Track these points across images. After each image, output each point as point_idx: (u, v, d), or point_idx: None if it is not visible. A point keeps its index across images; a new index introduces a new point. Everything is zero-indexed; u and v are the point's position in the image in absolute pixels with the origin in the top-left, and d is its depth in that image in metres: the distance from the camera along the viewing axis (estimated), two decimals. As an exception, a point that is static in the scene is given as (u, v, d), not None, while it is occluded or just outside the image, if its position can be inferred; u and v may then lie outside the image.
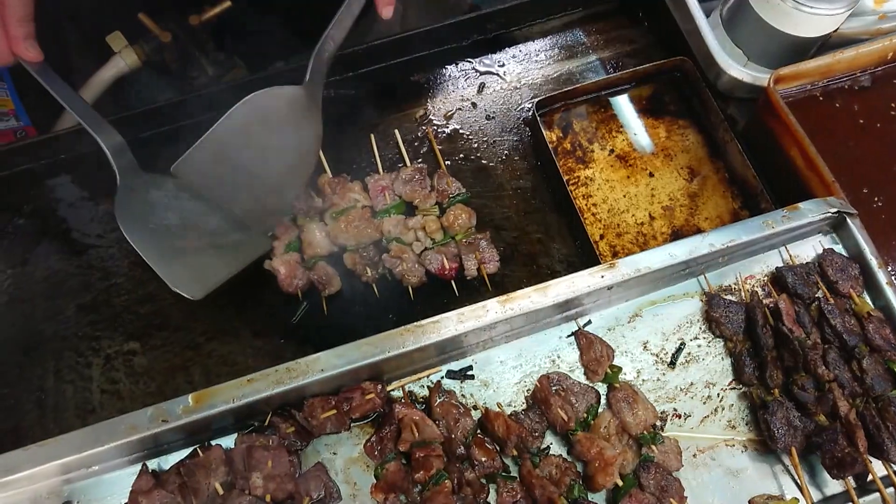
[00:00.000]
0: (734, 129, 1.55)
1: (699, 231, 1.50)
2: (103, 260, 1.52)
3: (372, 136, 1.55)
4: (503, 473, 1.19)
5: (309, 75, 1.31)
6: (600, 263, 1.35)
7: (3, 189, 1.57)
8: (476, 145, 1.61)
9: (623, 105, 1.64)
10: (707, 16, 1.59)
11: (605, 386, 1.26)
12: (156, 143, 1.60)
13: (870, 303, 1.30)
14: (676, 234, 1.51)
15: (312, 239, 1.43)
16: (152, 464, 1.18)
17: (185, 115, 1.59)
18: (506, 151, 1.60)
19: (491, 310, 1.22)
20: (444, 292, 1.43)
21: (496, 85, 1.69)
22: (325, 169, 1.50)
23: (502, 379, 1.27)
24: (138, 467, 1.16)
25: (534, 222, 1.53)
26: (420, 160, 1.58)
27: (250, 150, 1.28)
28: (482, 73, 1.71)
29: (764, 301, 1.30)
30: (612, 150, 1.60)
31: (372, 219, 1.44)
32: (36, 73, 1.27)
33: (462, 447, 1.19)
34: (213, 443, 1.19)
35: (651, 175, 1.57)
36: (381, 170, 1.52)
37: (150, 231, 1.33)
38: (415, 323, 1.21)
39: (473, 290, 1.44)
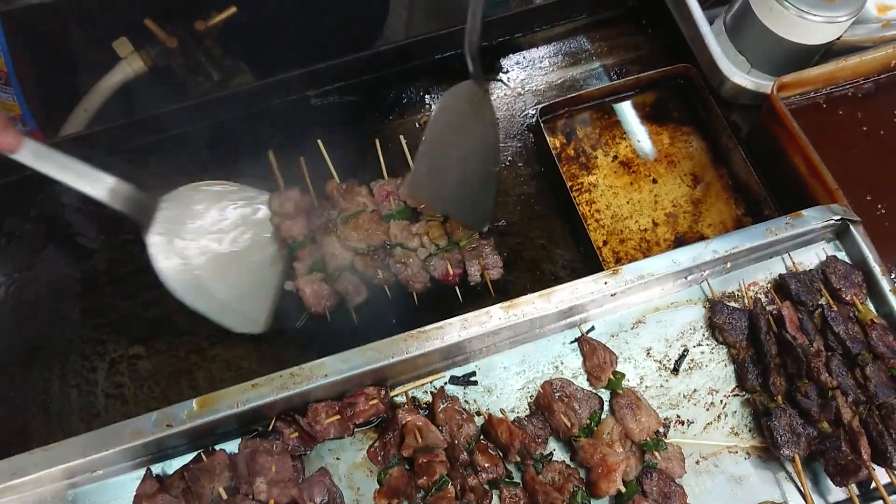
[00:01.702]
0: (737, 135, 1.55)
1: (702, 238, 1.51)
2: (109, 264, 1.52)
3: (377, 140, 1.55)
4: (506, 479, 1.19)
5: (472, 68, 1.34)
6: (604, 269, 1.35)
7: (10, 194, 1.58)
8: (480, 151, 1.62)
9: (627, 111, 1.65)
10: (711, 23, 1.60)
11: (608, 392, 1.27)
12: (162, 149, 1.61)
13: (873, 310, 1.30)
14: (680, 241, 1.51)
15: (334, 250, 1.42)
16: (156, 468, 1.19)
17: (192, 121, 1.60)
18: (509, 157, 1.61)
19: (494, 316, 1.22)
20: (448, 298, 1.43)
21: (500, 91, 1.70)
22: (332, 175, 1.50)
23: (505, 385, 1.27)
24: (142, 472, 1.16)
25: (537, 228, 1.54)
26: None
27: (457, 151, 1.35)
28: (486, 80, 1.71)
29: (767, 308, 1.30)
30: (615, 157, 1.60)
31: (382, 222, 1.44)
32: (21, 158, 1.25)
33: (465, 453, 1.19)
34: (217, 447, 1.19)
35: (654, 181, 1.58)
36: (385, 175, 1.53)
37: (192, 276, 1.36)
38: (418, 329, 1.21)
39: (477, 296, 1.44)
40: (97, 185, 1.29)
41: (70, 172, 1.28)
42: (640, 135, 1.62)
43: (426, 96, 1.69)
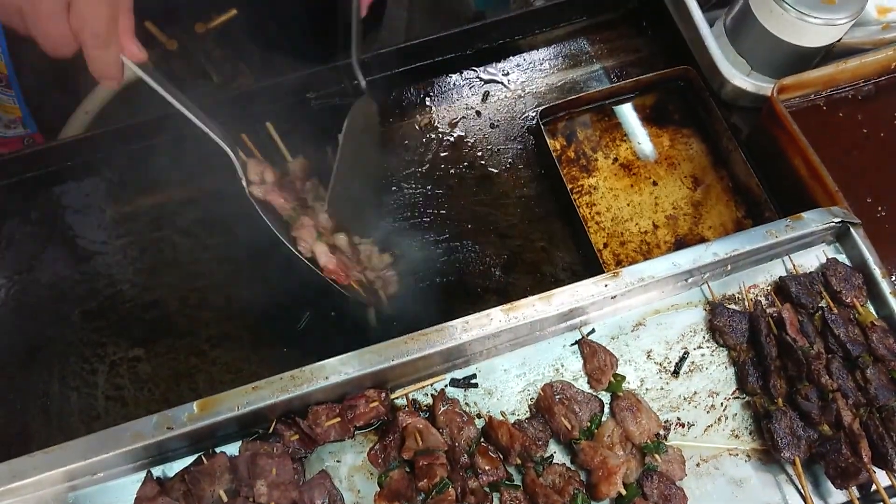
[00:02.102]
0: (738, 138, 1.55)
1: (703, 240, 1.50)
2: (109, 267, 1.52)
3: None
4: (507, 482, 1.19)
5: (362, 82, 1.47)
6: (604, 272, 1.35)
7: (11, 196, 1.59)
8: (480, 153, 1.62)
9: (627, 114, 1.65)
10: (711, 25, 1.60)
11: (608, 395, 1.26)
12: (161, 152, 1.61)
13: (873, 312, 1.30)
14: (680, 243, 1.51)
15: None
16: (157, 471, 1.18)
17: (191, 124, 1.60)
18: (510, 160, 1.61)
19: (495, 318, 1.22)
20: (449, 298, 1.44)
21: (500, 93, 1.70)
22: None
23: (506, 387, 1.27)
24: (143, 474, 1.16)
25: (537, 230, 1.54)
26: (426, 166, 1.59)
27: (360, 168, 1.44)
28: (486, 82, 1.71)
29: (767, 310, 1.30)
30: (615, 159, 1.60)
31: None
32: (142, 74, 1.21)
33: (466, 456, 1.19)
34: (218, 450, 1.19)
35: (655, 184, 1.58)
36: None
37: None
38: (419, 331, 1.21)
39: (478, 298, 1.44)
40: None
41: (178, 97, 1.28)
42: (640, 137, 1.62)
43: (426, 98, 1.69)
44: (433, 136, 1.63)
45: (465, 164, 1.60)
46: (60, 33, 1.03)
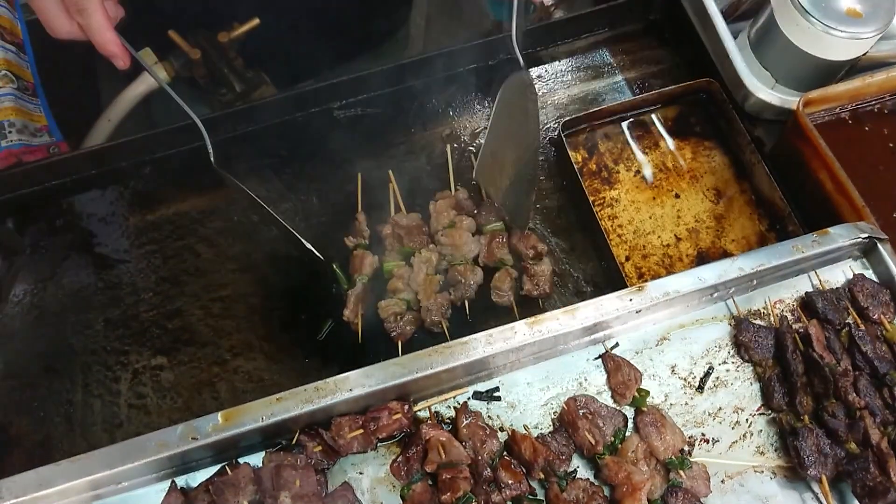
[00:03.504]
0: (761, 150, 1.54)
1: (725, 253, 1.50)
2: (132, 275, 1.53)
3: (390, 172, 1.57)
4: (530, 496, 1.19)
5: (521, 61, 1.47)
6: (626, 284, 1.35)
7: (37, 203, 1.60)
8: (502, 164, 1.62)
9: (649, 126, 1.64)
10: (735, 37, 1.59)
11: (632, 409, 1.26)
12: (181, 159, 1.62)
13: (901, 329, 1.29)
14: (702, 256, 1.51)
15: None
16: (180, 481, 1.19)
17: (214, 133, 1.61)
18: (532, 171, 1.61)
19: (519, 332, 1.22)
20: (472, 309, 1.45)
21: (522, 104, 1.70)
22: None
23: (529, 401, 1.27)
24: (166, 484, 1.17)
25: (560, 241, 1.53)
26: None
27: (512, 145, 1.44)
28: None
29: (794, 326, 1.29)
30: (637, 171, 1.60)
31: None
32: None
33: (488, 469, 1.19)
34: (241, 461, 1.19)
35: (677, 196, 1.57)
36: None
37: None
38: (443, 344, 1.21)
39: (500, 311, 1.44)
40: None
41: None
42: (662, 149, 1.62)
43: (449, 109, 1.69)
44: (456, 146, 1.63)
45: (487, 174, 1.60)
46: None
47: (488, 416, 1.26)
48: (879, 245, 1.31)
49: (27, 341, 1.48)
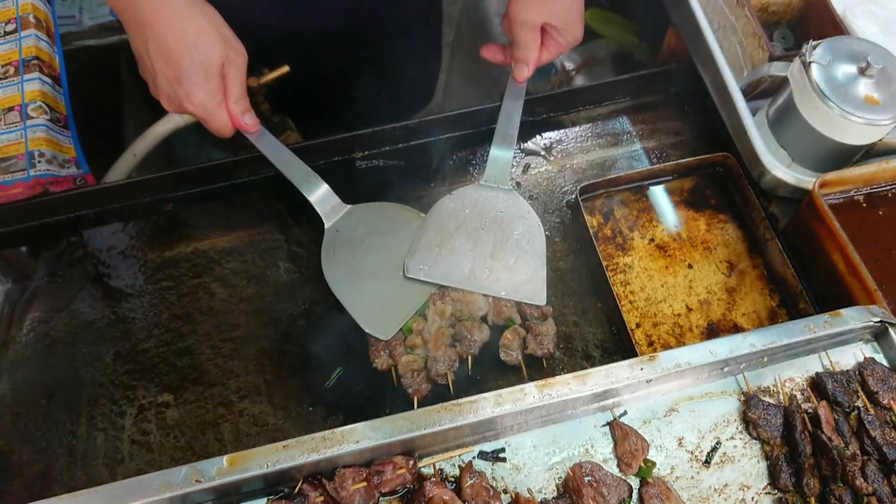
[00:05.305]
0: (775, 227, 1.56)
1: (736, 326, 1.51)
2: (146, 310, 1.54)
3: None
4: (530, 562, 1.17)
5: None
6: (636, 352, 1.36)
7: (59, 233, 1.62)
8: (518, 224, 1.64)
9: (665, 196, 1.67)
10: (753, 115, 1.63)
11: (637, 480, 1.25)
12: (204, 201, 1.65)
13: (910, 416, 1.28)
14: (712, 328, 1.51)
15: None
16: (179, 523, 1.18)
17: (237, 174, 1.65)
18: (547, 232, 1.62)
19: (529, 394, 1.22)
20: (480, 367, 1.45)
21: (541, 167, 1.73)
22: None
23: (534, 464, 1.26)
24: (165, 525, 1.16)
25: (570, 304, 1.54)
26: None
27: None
28: (527, 154, 1.75)
29: (803, 406, 1.29)
30: (651, 240, 1.62)
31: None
32: (253, 140, 1.47)
33: (490, 532, 1.18)
34: (242, 506, 1.19)
35: (690, 267, 1.58)
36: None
37: (349, 272, 1.50)
38: (452, 401, 1.21)
39: (508, 371, 1.44)
40: (311, 187, 1.52)
41: (291, 168, 1.51)
42: (677, 219, 1.64)
43: (468, 166, 1.72)
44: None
45: (503, 233, 1.62)
46: (174, 103, 1.35)
47: (492, 477, 1.25)
48: (891, 330, 1.32)
49: (37, 369, 1.48)
